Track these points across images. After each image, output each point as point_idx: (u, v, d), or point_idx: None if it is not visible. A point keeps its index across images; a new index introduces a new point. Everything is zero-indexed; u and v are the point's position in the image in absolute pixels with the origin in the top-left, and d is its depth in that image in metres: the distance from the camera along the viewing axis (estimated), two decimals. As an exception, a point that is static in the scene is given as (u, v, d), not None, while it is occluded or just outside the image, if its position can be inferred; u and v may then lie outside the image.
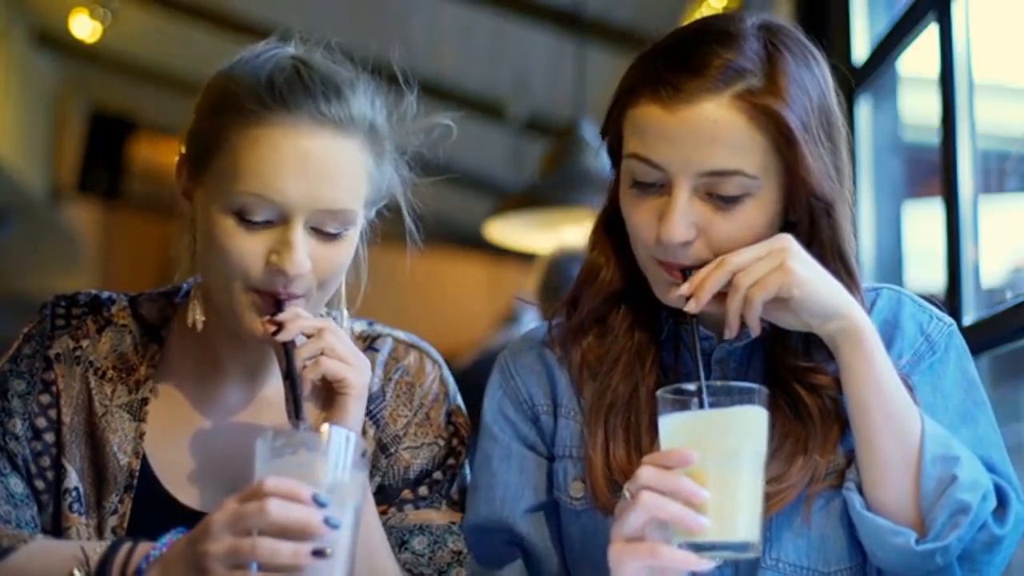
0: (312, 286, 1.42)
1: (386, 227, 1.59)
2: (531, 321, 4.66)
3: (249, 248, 1.39)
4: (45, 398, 1.50)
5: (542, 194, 4.33)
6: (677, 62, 1.35)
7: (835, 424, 1.39)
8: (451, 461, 1.56)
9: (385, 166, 1.48)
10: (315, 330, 1.39)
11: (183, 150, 1.47)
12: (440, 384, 1.59)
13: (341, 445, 1.23)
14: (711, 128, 1.32)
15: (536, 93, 5.72)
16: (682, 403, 1.24)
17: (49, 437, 1.49)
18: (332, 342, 1.39)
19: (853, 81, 3.06)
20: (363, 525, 1.31)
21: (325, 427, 1.25)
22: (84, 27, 5.65)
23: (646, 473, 1.22)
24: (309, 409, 1.39)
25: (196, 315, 1.49)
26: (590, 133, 4.34)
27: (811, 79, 1.37)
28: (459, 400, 1.61)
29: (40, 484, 1.48)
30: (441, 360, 1.62)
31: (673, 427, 1.24)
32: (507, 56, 5.79)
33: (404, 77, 1.53)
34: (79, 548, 1.34)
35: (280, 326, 1.38)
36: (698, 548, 1.20)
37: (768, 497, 1.30)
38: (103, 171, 7.36)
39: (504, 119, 5.96)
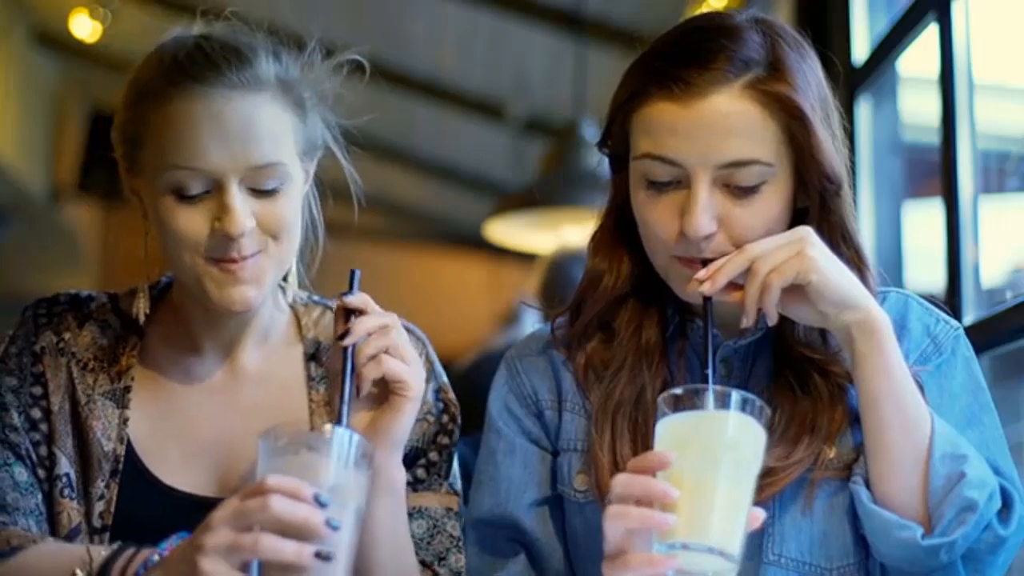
0: (266, 241, 1.44)
1: (386, 227, 1.59)
2: (532, 321, 4.66)
3: (194, 220, 1.42)
4: (37, 390, 1.53)
5: (542, 194, 4.33)
6: (685, 58, 1.36)
7: (841, 408, 1.40)
8: (444, 440, 1.57)
9: (311, 117, 1.52)
10: (380, 327, 1.39)
11: (118, 147, 1.51)
12: (426, 361, 1.59)
13: (344, 446, 1.23)
14: (725, 120, 1.33)
15: (536, 93, 5.73)
16: (672, 406, 1.23)
17: (44, 427, 1.51)
18: (397, 340, 1.39)
19: (853, 81, 3.06)
20: (391, 521, 1.35)
21: (328, 427, 1.25)
22: (84, 27, 5.65)
23: (617, 481, 1.22)
24: (357, 409, 1.38)
25: (140, 307, 1.54)
26: (590, 133, 4.34)
27: (808, 67, 1.39)
28: (445, 378, 1.62)
29: (42, 473, 1.50)
30: (426, 339, 1.62)
31: (660, 430, 1.24)
32: (507, 56, 5.79)
33: (301, 33, 1.56)
34: (85, 550, 1.36)
35: (347, 331, 1.38)
36: (671, 548, 1.18)
37: (773, 472, 1.32)
38: (103, 171, 7.32)
39: (504, 119, 5.96)
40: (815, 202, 1.39)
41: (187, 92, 1.42)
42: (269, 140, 1.44)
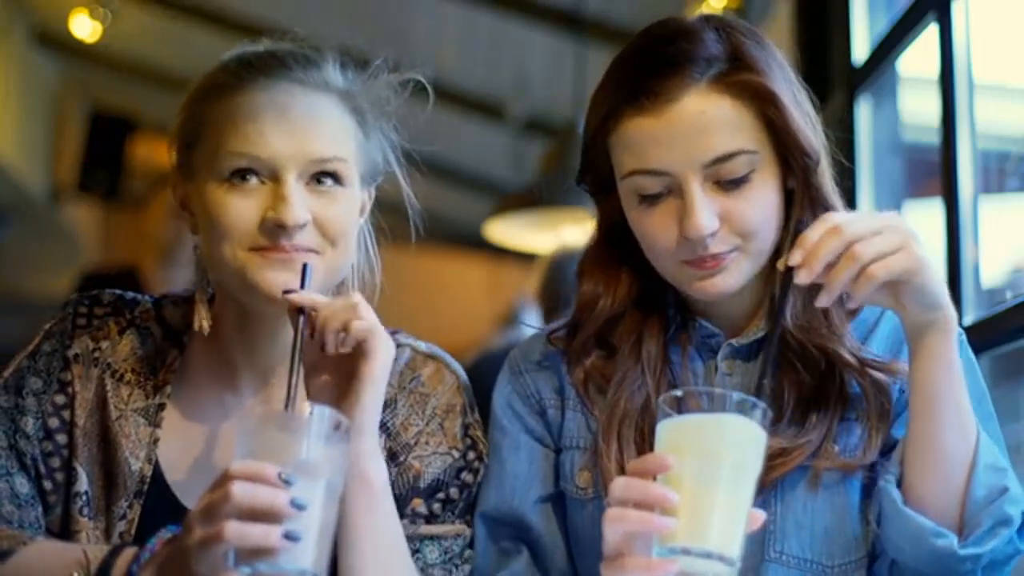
0: (323, 244, 1.42)
1: (385, 227, 1.59)
2: (531, 321, 4.65)
3: (245, 209, 1.40)
4: (60, 399, 1.50)
5: (542, 194, 4.33)
6: (648, 69, 1.37)
7: (845, 387, 1.40)
8: (467, 477, 1.53)
9: (372, 136, 1.51)
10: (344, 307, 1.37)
11: (172, 154, 1.50)
12: (457, 395, 1.56)
13: (310, 421, 1.22)
14: (701, 119, 1.35)
15: (536, 93, 5.72)
16: (672, 408, 1.22)
17: (61, 438, 1.49)
18: (362, 312, 1.37)
19: (853, 81, 3.06)
20: (367, 520, 1.32)
21: (305, 407, 1.24)
22: (84, 27, 5.65)
23: (616, 484, 1.21)
24: (320, 391, 1.38)
25: (203, 319, 1.51)
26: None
27: (768, 53, 1.41)
28: (478, 415, 1.58)
29: (48, 485, 1.48)
30: (461, 373, 1.59)
31: (660, 433, 1.23)
32: (507, 56, 5.79)
33: (370, 55, 1.56)
34: (81, 552, 1.34)
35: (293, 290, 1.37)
36: (671, 552, 1.17)
37: (785, 452, 1.33)
38: (103, 171, 7.36)
39: (504, 119, 5.96)
40: (800, 180, 1.41)
41: (252, 83, 1.42)
42: (330, 136, 1.43)
